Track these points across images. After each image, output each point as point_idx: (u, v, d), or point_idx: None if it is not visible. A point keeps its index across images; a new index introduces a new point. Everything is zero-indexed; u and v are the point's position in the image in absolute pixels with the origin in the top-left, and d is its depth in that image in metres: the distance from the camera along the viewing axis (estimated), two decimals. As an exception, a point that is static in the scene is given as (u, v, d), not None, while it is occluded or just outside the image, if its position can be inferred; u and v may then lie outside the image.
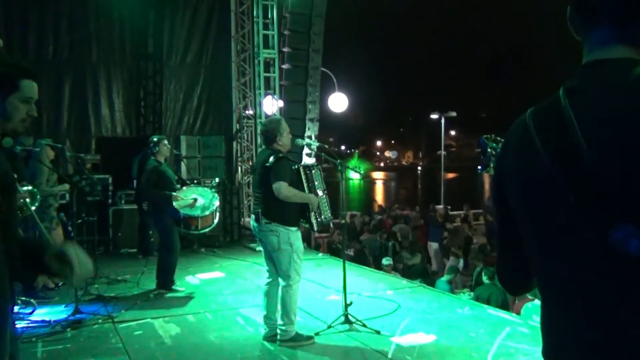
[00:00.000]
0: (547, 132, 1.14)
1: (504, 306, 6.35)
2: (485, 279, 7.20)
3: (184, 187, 6.57)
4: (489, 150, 1.77)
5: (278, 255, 4.44)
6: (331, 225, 11.49)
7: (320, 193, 4.63)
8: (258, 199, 4.52)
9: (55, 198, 6.34)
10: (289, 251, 4.40)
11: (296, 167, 4.56)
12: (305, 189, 4.52)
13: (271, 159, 4.37)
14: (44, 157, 6.13)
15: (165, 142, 6.42)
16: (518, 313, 5.61)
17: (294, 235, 4.45)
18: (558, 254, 1.14)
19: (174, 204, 6.16)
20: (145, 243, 8.42)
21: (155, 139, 6.36)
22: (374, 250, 11.91)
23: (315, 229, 4.68)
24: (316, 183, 4.62)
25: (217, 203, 6.55)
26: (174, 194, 6.24)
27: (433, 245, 12.30)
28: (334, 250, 10.54)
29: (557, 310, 1.17)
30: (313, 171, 4.65)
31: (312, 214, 4.52)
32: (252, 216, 4.56)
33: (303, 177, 4.53)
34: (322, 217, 4.65)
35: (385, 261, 9.08)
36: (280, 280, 4.51)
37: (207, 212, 6.39)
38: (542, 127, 1.15)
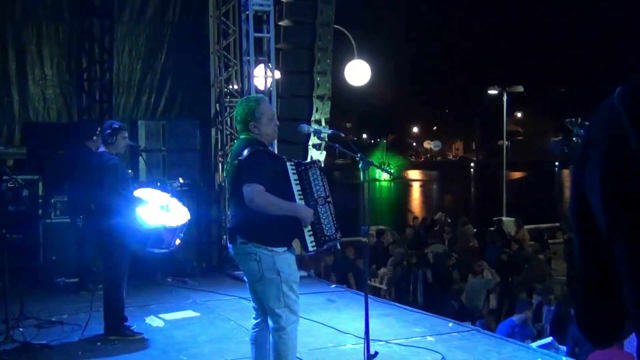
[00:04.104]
0: None
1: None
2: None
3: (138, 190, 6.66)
4: (574, 139, 1.76)
5: (262, 288, 4.43)
6: (338, 246, 11.19)
7: (321, 201, 4.56)
8: (231, 208, 4.55)
9: None
10: (275, 281, 4.36)
11: (282, 163, 4.52)
12: (297, 195, 4.44)
13: (245, 152, 4.35)
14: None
15: (126, 134, 6.51)
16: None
17: (282, 259, 4.39)
18: None
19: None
20: (82, 271, 8.45)
21: (115, 126, 6.43)
22: (399, 281, 11.93)
23: (310, 250, 4.58)
24: (314, 187, 4.54)
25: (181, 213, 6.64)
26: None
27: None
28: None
29: None
30: (310, 170, 4.57)
31: (306, 230, 4.45)
32: (227, 234, 4.56)
33: (293, 178, 4.46)
34: (324, 235, 4.54)
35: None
36: (269, 321, 4.49)
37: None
38: (636, 111, 1.15)
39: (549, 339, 7.66)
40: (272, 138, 4.65)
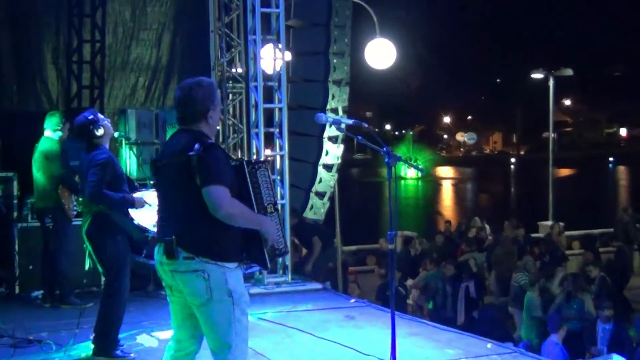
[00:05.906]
0: None
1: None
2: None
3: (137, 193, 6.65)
4: None
5: (209, 312, 4.19)
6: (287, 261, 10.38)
7: (271, 209, 4.39)
8: (168, 215, 4.30)
9: None
10: (226, 304, 4.15)
11: (240, 162, 4.36)
12: (253, 201, 4.27)
13: (196, 146, 4.09)
14: None
15: (101, 116, 6.52)
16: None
17: (234, 276, 4.20)
18: None
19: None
20: (57, 283, 8.44)
21: (90, 117, 6.40)
22: (433, 294, 11.92)
23: (268, 267, 4.51)
24: (264, 192, 4.36)
25: None
26: (139, 196, 6.38)
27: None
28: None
29: None
30: (259, 172, 4.38)
31: (265, 246, 4.29)
32: (159, 247, 4.28)
33: (249, 179, 4.30)
34: (276, 249, 4.42)
35: None
36: (212, 355, 4.28)
37: None
38: None
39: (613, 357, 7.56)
40: (215, 132, 4.46)
